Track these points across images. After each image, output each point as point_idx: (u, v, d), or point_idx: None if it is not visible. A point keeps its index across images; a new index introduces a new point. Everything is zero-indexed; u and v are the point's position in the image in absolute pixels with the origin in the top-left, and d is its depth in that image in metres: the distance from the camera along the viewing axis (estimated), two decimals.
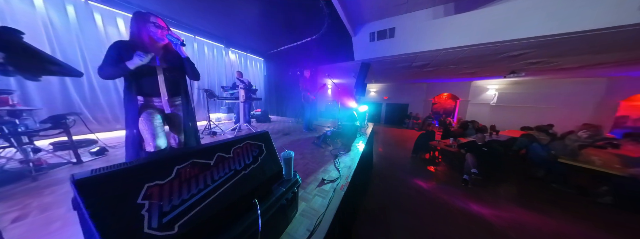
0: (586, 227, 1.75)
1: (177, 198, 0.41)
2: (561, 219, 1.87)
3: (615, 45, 2.60)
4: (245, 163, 0.60)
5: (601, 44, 2.55)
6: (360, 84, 4.48)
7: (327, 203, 0.88)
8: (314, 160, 1.51)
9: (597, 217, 1.91)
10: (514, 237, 1.63)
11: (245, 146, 0.63)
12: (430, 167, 3.41)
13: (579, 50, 2.89)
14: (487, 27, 2.55)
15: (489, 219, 1.88)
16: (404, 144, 5.05)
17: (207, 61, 3.85)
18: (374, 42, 3.55)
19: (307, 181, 1.12)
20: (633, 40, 2.39)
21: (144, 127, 0.91)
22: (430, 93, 8.16)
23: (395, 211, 2.05)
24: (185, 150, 0.48)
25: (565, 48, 2.79)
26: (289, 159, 0.73)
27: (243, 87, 2.47)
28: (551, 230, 1.71)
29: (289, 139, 2.24)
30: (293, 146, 1.94)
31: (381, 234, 1.69)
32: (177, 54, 0.98)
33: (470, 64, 4.05)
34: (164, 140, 0.96)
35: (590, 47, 2.70)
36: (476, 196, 2.33)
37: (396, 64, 4.43)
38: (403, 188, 2.61)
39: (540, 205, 2.12)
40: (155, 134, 0.92)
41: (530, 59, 3.45)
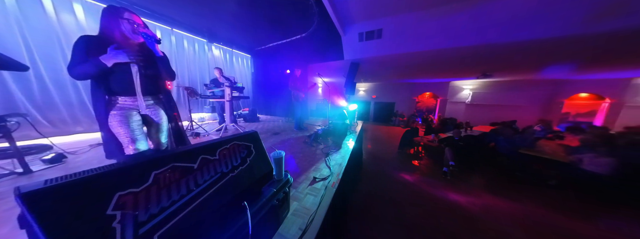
0: (536, 205, 2.08)
1: (156, 206, 0.38)
2: (520, 200, 2.18)
3: (558, 54, 3.05)
4: (232, 165, 0.57)
5: (549, 51, 2.97)
6: (349, 83, 4.57)
7: (319, 201, 0.89)
8: (306, 159, 1.50)
9: (546, 197, 2.26)
10: (484, 220, 1.84)
11: (233, 147, 0.60)
12: (414, 161, 3.65)
13: (529, 56, 3.33)
14: (461, 31, 2.79)
15: (464, 206, 2.10)
16: (391, 140, 5.31)
17: (187, 56, 3.53)
18: (363, 42, 3.63)
19: (299, 181, 1.11)
20: (572, 49, 2.82)
21: (120, 130, 0.82)
22: (414, 92, 8.66)
23: (383, 203, 2.17)
24: (164, 153, 0.44)
25: (520, 55, 3.18)
26: (279, 159, 0.72)
27: (228, 84, 2.34)
28: (512, 211, 1.99)
29: (280, 139, 2.20)
30: (284, 146, 1.91)
31: (371, 227, 1.77)
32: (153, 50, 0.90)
33: (448, 65, 4.39)
34: (145, 143, 0.88)
35: (539, 54, 3.14)
36: (454, 186, 2.57)
37: (383, 64, 4.60)
38: (390, 182, 2.77)
39: (506, 191, 2.43)
40: (133, 137, 0.84)
41: (496, 61, 3.87)
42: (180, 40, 3.41)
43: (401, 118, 8.68)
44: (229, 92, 2.35)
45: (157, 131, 0.98)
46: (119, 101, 0.85)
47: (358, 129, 2.77)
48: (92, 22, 2.29)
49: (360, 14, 3.14)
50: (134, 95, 0.86)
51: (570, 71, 4.78)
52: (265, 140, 2.10)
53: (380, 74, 6.21)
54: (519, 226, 1.76)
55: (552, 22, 2.30)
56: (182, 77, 3.44)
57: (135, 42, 0.86)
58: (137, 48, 0.87)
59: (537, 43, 2.66)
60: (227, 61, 4.49)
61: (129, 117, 0.85)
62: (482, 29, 2.66)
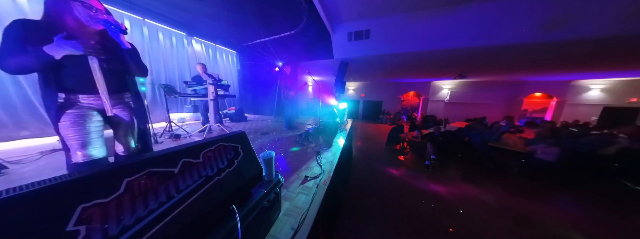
0: (502, 191, 2.40)
1: (130, 216, 0.34)
2: (488, 187, 2.48)
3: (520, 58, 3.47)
4: (218, 168, 0.54)
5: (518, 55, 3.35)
6: (339, 82, 4.63)
7: (311, 199, 0.90)
8: (296, 158, 1.49)
9: (509, 183, 2.61)
10: (460, 206, 2.05)
11: (218, 148, 0.57)
12: (400, 156, 3.86)
13: (499, 60, 3.73)
14: (441, 35, 2.99)
15: (444, 195, 2.31)
16: (378, 137, 5.54)
17: (163, 50, 3.19)
18: (352, 41, 3.69)
19: (290, 180, 1.10)
20: (531, 54, 3.23)
21: (70, 131, 0.70)
22: (400, 91, 9.13)
23: (373, 197, 2.27)
24: (138, 158, 0.40)
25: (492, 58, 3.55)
26: (269, 159, 0.70)
27: (212, 82, 2.19)
28: (483, 197, 2.25)
29: (269, 139, 2.14)
30: (274, 146, 1.87)
31: (361, 220, 1.84)
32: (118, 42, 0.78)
33: (430, 66, 4.70)
34: (102, 148, 0.77)
35: (508, 57, 3.53)
36: (435, 177, 2.80)
37: (371, 64, 4.74)
38: (379, 177, 2.90)
39: (478, 179, 2.73)
40: (85, 141, 0.72)
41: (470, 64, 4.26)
42: (154, 32, 3.07)
43: (388, 116, 9.09)
44: (213, 91, 2.20)
45: (126, 134, 0.87)
46: (81, 100, 0.73)
47: (348, 127, 2.83)
48: (36, 3, 1.92)
49: (348, 14, 3.17)
50: (96, 93, 0.74)
51: (528, 73, 5.53)
52: (253, 140, 2.03)
53: (368, 73, 6.39)
54: (488, 209, 2.01)
55: (513, 30, 2.60)
56: (158, 73, 3.12)
57: (93, 30, 0.73)
58: (97, 38, 0.75)
59: (504, 48, 2.99)
60: (210, 56, 4.17)
61: (87, 118, 0.73)
62: (458, 33, 2.90)
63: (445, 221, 1.85)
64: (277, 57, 4.45)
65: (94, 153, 0.74)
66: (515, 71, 5.06)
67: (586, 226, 1.76)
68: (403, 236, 1.64)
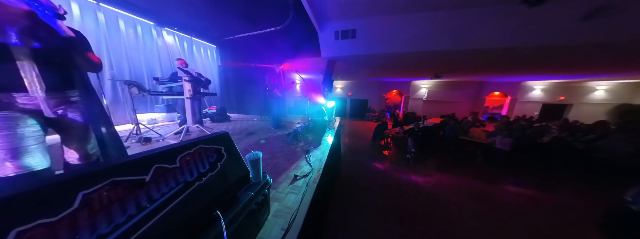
0: (469, 177, 2.75)
1: (89, 235, 0.29)
2: (459, 175, 2.81)
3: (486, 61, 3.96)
4: (199, 172, 0.50)
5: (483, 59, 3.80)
6: (327, 81, 4.64)
7: (301, 198, 0.90)
8: (285, 158, 1.47)
9: (475, 170, 3.01)
10: (436, 194, 2.29)
11: (198, 151, 0.52)
12: (385, 151, 4.12)
13: (467, 62, 4.20)
14: (420, 38, 3.22)
15: (422, 184, 2.55)
16: (365, 134, 5.78)
17: (126, 41, 2.76)
18: (339, 40, 3.71)
19: (279, 181, 1.08)
20: (489, 58, 3.71)
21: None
22: (384, 90, 9.63)
23: (360, 191, 2.38)
24: (98, 166, 0.34)
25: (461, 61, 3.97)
26: (256, 160, 0.67)
27: (189, 79, 1.99)
28: (454, 183, 2.56)
29: (255, 139, 2.06)
30: (260, 146, 1.80)
31: (349, 213, 1.92)
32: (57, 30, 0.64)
33: (410, 66, 5.03)
34: (43, 158, 0.64)
35: (475, 61, 3.99)
36: (415, 169, 3.06)
37: (358, 64, 4.86)
38: (365, 171, 3.05)
39: (450, 169, 3.06)
40: (17, 149, 0.59)
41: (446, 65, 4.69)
42: (113, 19, 2.62)
43: (373, 113, 9.53)
44: (189, 88, 2.01)
45: (80, 139, 0.74)
46: (17, 99, 0.60)
47: (336, 125, 2.88)
48: None
49: (335, 12, 3.17)
50: (27, 91, 0.61)
51: (489, 75, 6.37)
52: (238, 141, 1.92)
53: (354, 72, 6.55)
54: (458, 194, 2.29)
55: (477, 36, 2.93)
56: (120, 68, 2.70)
57: (17, 12, 0.58)
58: (25, 23, 0.60)
59: (470, 52, 3.36)
60: (185, 50, 3.77)
61: (18, 121, 0.60)
62: (434, 37, 3.15)
63: (424, 207, 2.05)
64: (262, 53, 4.24)
65: (32, 163, 0.61)
66: (479, 72, 5.76)
67: (527, 201, 2.15)
68: (388, 225, 1.76)
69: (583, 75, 5.61)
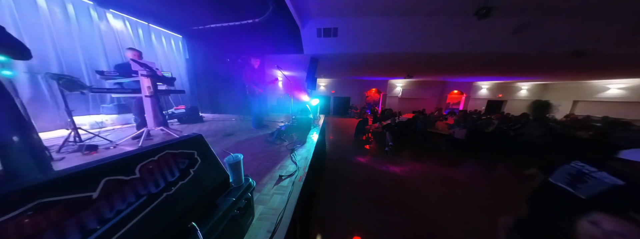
0: (435, 164, 3.19)
1: None
2: (427, 162, 3.25)
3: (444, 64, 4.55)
4: (167, 181, 0.44)
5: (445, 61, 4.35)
6: (310, 78, 4.60)
7: (287, 198, 0.89)
8: (268, 159, 1.41)
9: (440, 158, 3.49)
10: (410, 180, 2.59)
11: (164, 158, 0.46)
12: (366, 145, 4.41)
13: (437, 64, 4.76)
14: (395, 40, 3.47)
15: (399, 173, 2.83)
16: (348, 130, 6.02)
17: (51, 24, 2.13)
18: (321, 38, 3.69)
19: (263, 183, 1.04)
20: (442, 61, 4.29)
21: None
22: (365, 88, 10.19)
23: (345, 185, 2.49)
24: (18, 186, 0.26)
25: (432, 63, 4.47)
26: (236, 163, 0.63)
27: (148, 74, 1.68)
28: (424, 170, 2.93)
29: (235, 140, 1.91)
30: (241, 148, 1.68)
31: (335, 206, 1.99)
32: None
33: (386, 66, 5.40)
34: None
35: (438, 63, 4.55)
36: (392, 160, 3.36)
37: (340, 62, 4.95)
38: (349, 165, 3.21)
39: (421, 158, 3.48)
40: None
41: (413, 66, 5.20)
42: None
43: (355, 110, 9.99)
44: (149, 85, 1.71)
45: None
46: None
47: (321, 123, 2.90)
48: None
49: (316, 9, 3.13)
50: None
51: (450, 75, 7.41)
52: (215, 144, 1.75)
53: (337, 70, 6.66)
54: (427, 179, 2.64)
55: (441, 41, 3.34)
56: (44, 57, 2.09)
57: None
58: None
59: (435, 55, 3.80)
60: (141, 39, 3.16)
61: None
62: (408, 40, 3.44)
63: (400, 193, 2.29)
64: (240, 47, 3.88)
65: None
66: (442, 73, 6.62)
67: (477, 179, 2.64)
68: (370, 214, 1.91)
69: (513, 77, 7.11)
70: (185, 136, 0.56)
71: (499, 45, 3.20)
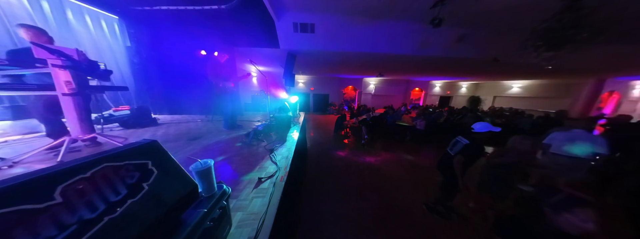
0: (403, 153, 3.66)
1: None
2: (397, 151, 3.71)
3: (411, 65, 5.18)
4: (110, 202, 0.35)
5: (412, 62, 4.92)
6: (288, 75, 4.43)
7: (268, 200, 0.85)
8: (245, 162, 1.31)
9: (406, 147, 4.02)
10: (383, 168, 2.89)
11: (102, 174, 0.36)
12: (345, 140, 4.66)
13: (405, 64, 5.34)
14: (368, 40, 3.69)
15: (374, 163, 3.11)
16: (328, 126, 6.19)
17: None
18: (298, 33, 3.56)
19: (240, 188, 0.97)
20: (406, 62, 4.90)
21: None
22: (342, 85, 10.60)
23: (327, 178, 2.59)
24: None
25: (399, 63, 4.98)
26: (206, 170, 0.56)
27: (65, 64, 1.25)
28: (393, 159, 3.32)
29: (203, 144, 1.68)
30: (211, 152, 1.50)
31: (320, 201, 2.05)
32: None
33: (361, 65, 5.73)
34: None
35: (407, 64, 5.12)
36: (368, 152, 3.68)
37: (317, 58, 4.93)
38: (330, 160, 3.33)
39: (391, 148, 3.93)
40: None
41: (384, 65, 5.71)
42: None
43: (334, 107, 10.32)
44: (69, 79, 1.29)
45: None
46: None
47: (301, 121, 2.87)
48: None
49: (292, 1, 2.97)
50: None
51: (412, 75, 8.49)
52: (177, 150, 1.50)
53: (315, 67, 6.63)
54: (397, 166, 3.00)
55: (405, 44, 3.76)
56: None
57: None
58: None
59: (400, 56, 4.25)
60: (49, 17, 2.30)
61: None
62: (379, 41, 3.71)
63: (376, 180, 2.55)
64: (204, 37, 3.32)
65: None
66: (406, 72, 7.51)
67: (433, 162, 3.20)
68: (351, 203, 2.05)
69: (457, 77, 8.79)
70: (133, 144, 0.46)
71: (447, 50, 3.85)
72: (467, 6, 2.60)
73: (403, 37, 3.62)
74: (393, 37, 3.63)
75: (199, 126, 2.51)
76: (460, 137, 1.65)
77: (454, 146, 1.64)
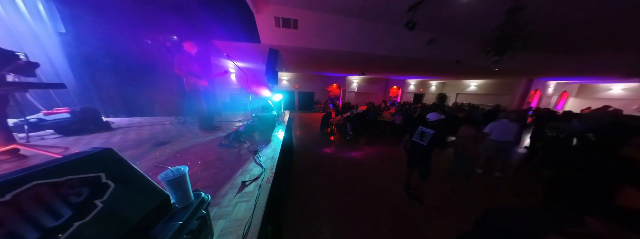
0: (382, 145, 3.95)
1: None
2: (378, 145, 3.98)
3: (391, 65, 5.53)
4: (47, 228, 0.29)
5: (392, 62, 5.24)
6: (271, 72, 4.23)
7: (254, 204, 0.82)
8: (226, 165, 1.22)
9: (387, 140, 4.35)
10: (367, 162, 3.06)
11: (32, 195, 0.29)
12: (331, 137, 4.76)
13: (382, 64, 5.65)
14: (347, 39, 3.78)
15: (358, 157, 3.28)
16: (314, 124, 6.21)
17: None
18: (280, 28, 3.39)
19: (221, 194, 0.90)
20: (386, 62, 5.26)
21: None
22: (327, 83, 10.72)
23: (313, 176, 2.61)
24: None
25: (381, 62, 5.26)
26: (178, 179, 0.50)
27: None
28: (375, 152, 3.55)
29: (173, 150, 1.49)
30: (185, 158, 1.34)
31: (307, 199, 2.06)
32: None
33: (344, 63, 5.85)
34: None
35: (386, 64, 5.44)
36: (353, 147, 3.85)
37: (301, 56, 4.82)
38: (316, 157, 3.37)
39: (373, 142, 4.21)
40: None
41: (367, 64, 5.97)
42: None
43: (319, 105, 10.38)
44: None
45: None
46: None
47: (286, 119, 2.79)
48: None
49: None
50: None
51: (390, 74, 9.11)
52: (140, 158, 1.30)
53: (300, 64, 6.49)
54: (380, 158, 3.23)
55: (382, 44, 3.98)
56: None
57: None
58: None
59: (381, 56, 4.49)
60: None
61: None
62: (359, 40, 3.83)
63: (360, 173, 2.68)
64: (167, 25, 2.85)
65: None
66: (386, 71, 8.00)
67: None
68: (338, 197, 2.12)
69: (427, 76, 9.81)
70: (78, 154, 0.37)
71: (419, 52, 4.24)
72: (437, 13, 2.90)
73: (383, 38, 3.82)
74: (374, 38, 3.80)
75: (167, 129, 2.21)
76: (422, 128, 1.93)
77: (424, 137, 1.87)
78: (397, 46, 4.03)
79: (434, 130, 1.81)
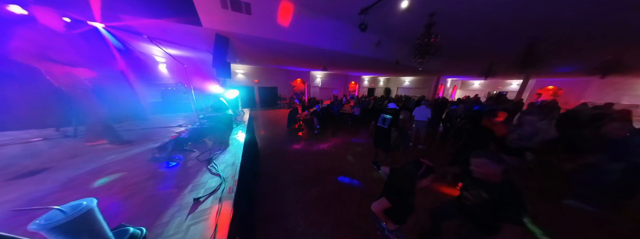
0: (347, 135, 4.38)
1: None
2: (342, 135, 4.34)
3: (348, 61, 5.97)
4: None
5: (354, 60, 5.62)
6: (220, 63, 3.46)
7: (215, 221, 0.70)
8: (167, 184, 0.96)
9: (349, 131, 4.84)
10: (334, 152, 3.30)
11: None
12: (299, 133, 4.74)
13: (346, 61, 6.01)
14: (307, 32, 3.71)
15: (326, 149, 3.48)
16: (280, 121, 5.91)
17: None
18: (229, 11, 2.77)
19: (163, 221, 0.70)
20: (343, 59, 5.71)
21: None
22: (290, 78, 10.26)
23: (284, 175, 2.55)
24: None
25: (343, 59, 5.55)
26: (75, 220, 0.34)
27: None
28: (340, 142, 3.89)
29: (58, 180, 0.98)
30: (86, 187, 0.92)
31: (279, 197, 2.01)
32: None
33: (304, 58, 5.77)
34: None
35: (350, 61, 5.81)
36: (321, 140, 4.03)
37: (258, 46, 4.25)
38: (286, 155, 3.28)
39: (337, 133, 4.57)
40: None
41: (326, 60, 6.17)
42: None
43: (284, 101, 9.85)
44: None
45: None
46: None
47: (246, 118, 2.47)
48: None
49: None
50: None
51: (349, 70, 9.92)
52: None
53: (258, 56, 5.74)
54: (344, 147, 3.56)
55: (340, 41, 4.23)
56: None
57: None
58: None
59: (339, 53, 4.75)
60: None
61: None
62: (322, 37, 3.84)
63: (329, 164, 2.89)
64: None
65: None
66: (344, 67, 8.62)
67: (367, 139, 4.12)
68: (310, 188, 2.20)
69: (376, 73, 11.55)
70: None
71: (369, 52, 4.83)
72: (383, 19, 3.37)
73: (341, 36, 4.02)
74: (333, 35, 3.92)
75: (41, 149, 1.41)
76: (383, 115, 2.51)
77: (385, 121, 2.46)
78: (352, 45, 4.38)
79: (392, 116, 2.41)
